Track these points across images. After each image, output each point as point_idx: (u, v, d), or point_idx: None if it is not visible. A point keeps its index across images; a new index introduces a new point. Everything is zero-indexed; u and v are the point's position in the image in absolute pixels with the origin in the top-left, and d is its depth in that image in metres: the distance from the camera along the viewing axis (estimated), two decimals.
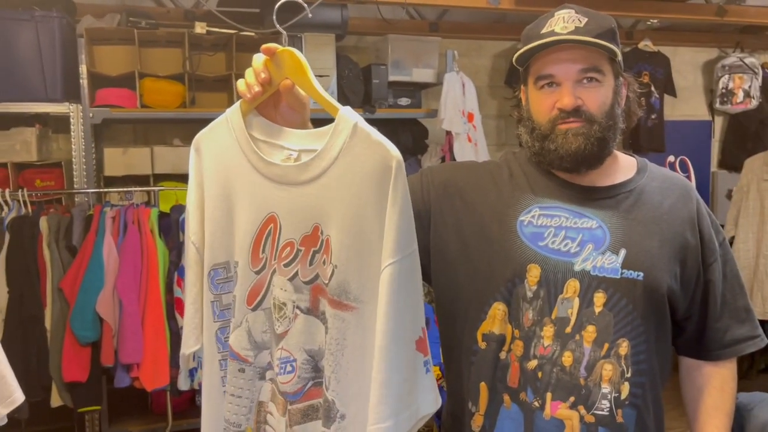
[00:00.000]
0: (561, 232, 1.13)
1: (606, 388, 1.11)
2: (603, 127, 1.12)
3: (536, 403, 1.11)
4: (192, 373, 2.62)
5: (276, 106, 1.01)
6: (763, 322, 3.02)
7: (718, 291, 1.20)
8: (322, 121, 0.95)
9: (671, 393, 1.26)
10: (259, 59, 0.97)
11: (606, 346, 1.11)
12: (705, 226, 1.20)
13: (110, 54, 3.22)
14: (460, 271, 1.17)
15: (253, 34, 3.09)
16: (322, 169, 0.91)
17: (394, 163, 0.87)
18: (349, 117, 0.89)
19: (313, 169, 0.91)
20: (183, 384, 2.63)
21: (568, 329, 1.11)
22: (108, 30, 3.15)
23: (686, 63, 4.48)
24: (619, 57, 1.16)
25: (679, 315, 1.19)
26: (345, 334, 0.87)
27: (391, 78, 3.42)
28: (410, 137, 3.55)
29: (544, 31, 1.13)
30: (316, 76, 0.98)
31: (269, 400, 0.97)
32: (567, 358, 1.10)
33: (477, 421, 1.15)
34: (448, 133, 3.33)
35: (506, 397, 1.13)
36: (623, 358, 1.11)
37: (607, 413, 1.11)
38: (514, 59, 1.20)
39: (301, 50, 3.20)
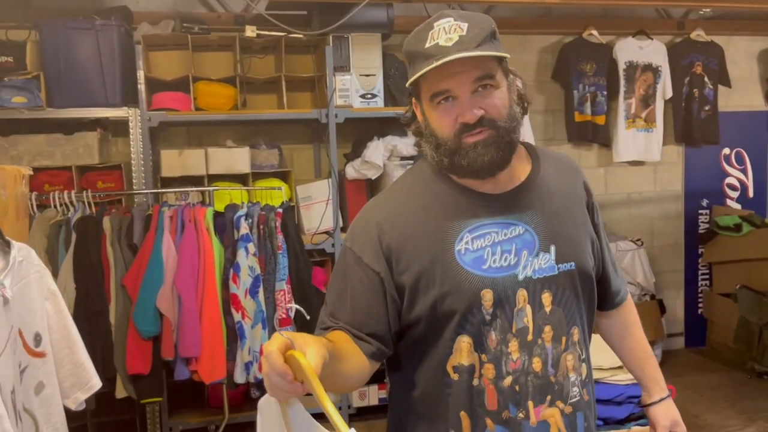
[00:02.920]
0: (497, 248, 1.14)
1: (572, 376, 1.19)
2: (508, 129, 1.12)
3: (521, 415, 1.15)
4: (248, 366, 2.71)
5: None
6: None
7: (606, 250, 1.32)
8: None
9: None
10: (277, 360, 0.89)
11: (564, 339, 1.18)
12: (590, 194, 1.30)
13: (165, 59, 3.35)
14: (421, 319, 1.15)
15: (301, 36, 3.16)
16: None
17: None
18: None
19: None
20: (239, 377, 2.71)
21: (530, 337, 1.15)
22: (163, 36, 3.27)
23: (741, 52, 4.35)
24: (507, 57, 1.15)
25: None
26: None
27: None
28: None
29: (428, 45, 1.09)
30: (362, 75, 0.99)
31: None
32: (536, 364, 1.15)
33: None
34: None
35: (488, 421, 1.15)
36: (578, 344, 1.20)
37: (578, 397, 1.20)
38: (408, 83, 1.17)
39: (348, 50, 3.28)
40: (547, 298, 1.16)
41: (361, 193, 3.54)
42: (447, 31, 1.09)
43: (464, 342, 1.14)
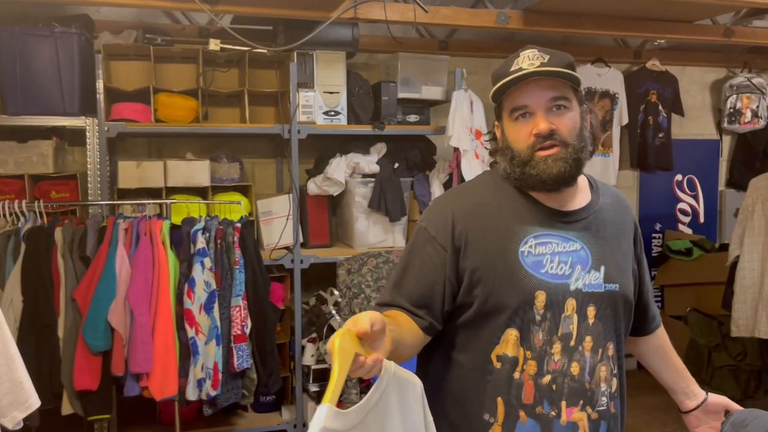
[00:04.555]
0: (555, 258, 1.26)
1: (603, 387, 1.28)
2: (576, 148, 1.26)
3: (553, 413, 1.23)
4: (200, 383, 2.66)
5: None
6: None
7: (647, 279, 1.45)
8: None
9: None
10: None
11: (600, 351, 1.28)
12: (637, 230, 1.43)
13: (126, 69, 3.30)
14: (475, 305, 1.26)
15: (265, 51, 3.16)
16: None
17: None
18: (316, 418, 0.95)
19: None
20: (191, 394, 2.66)
21: (572, 342, 1.25)
22: (125, 46, 3.23)
23: (694, 82, 4.51)
24: (582, 86, 1.31)
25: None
26: None
27: (401, 95, 3.47)
28: (419, 153, 3.59)
29: (513, 68, 1.26)
30: (326, 92, 1.06)
31: None
32: (575, 368, 1.25)
33: (495, 430, 1.25)
34: (456, 149, 3.38)
35: (522, 413, 1.24)
36: (611, 359, 1.30)
37: (605, 407, 1.28)
38: (490, 96, 1.32)
39: (312, 66, 3.29)
40: (591, 311, 1.27)
41: (323, 209, 3.54)
42: (530, 59, 1.25)
43: (512, 335, 1.24)
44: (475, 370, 1.26)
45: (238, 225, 2.86)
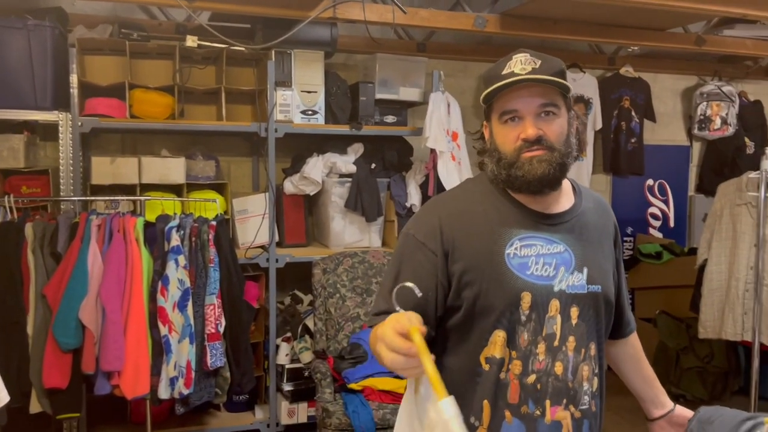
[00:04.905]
0: (540, 259, 1.28)
1: (585, 386, 1.30)
2: (562, 153, 1.28)
3: (538, 412, 1.26)
4: (173, 381, 2.64)
5: None
6: (735, 344, 3.10)
7: (623, 284, 1.48)
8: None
9: None
10: (396, 339, 1.03)
11: (583, 351, 1.30)
12: (617, 233, 1.46)
13: (101, 64, 3.26)
14: (463, 307, 1.27)
15: (243, 49, 3.15)
16: None
17: None
18: (443, 410, 0.97)
19: None
20: (164, 393, 2.64)
21: (556, 343, 1.28)
22: (100, 41, 3.19)
23: (666, 89, 4.60)
24: (571, 93, 1.33)
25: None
26: None
27: (378, 96, 3.49)
28: (395, 154, 3.61)
29: (504, 72, 1.27)
30: (303, 91, 1.06)
31: None
32: (558, 368, 1.27)
33: None
34: (433, 151, 3.40)
35: (507, 413, 1.25)
36: (593, 358, 1.32)
37: (587, 406, 1.31)
38: (481, 99, 1.33)
39: (290, 65, 3.29)
40: (574, 311, 1.29)
41: (299, 209, 3.53)
42: (523, 63, 1.27)
43: (500, 336, 1.25)
44: (465, 374, 1.28)
45: (213, 223, 2.84)
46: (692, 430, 1.29)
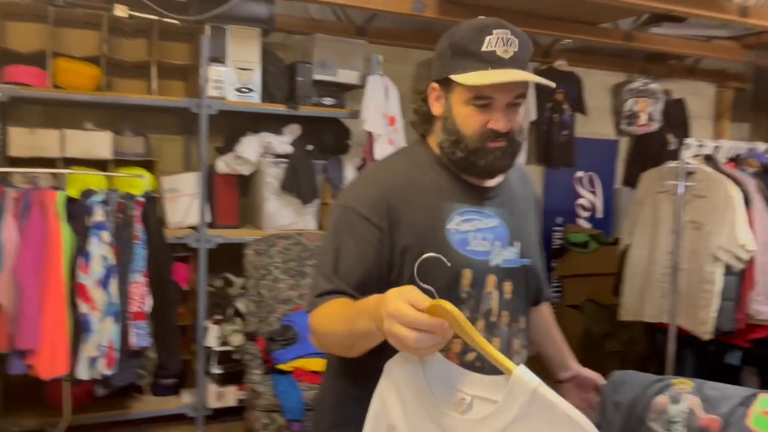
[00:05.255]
0: (479, 235, 1.25)
1: (517, 360, 1.29)
2: (519, 144, 1.25)
3: None
4: (93, 361, 2.54)
5: None
6: (654, 325, 3.24)
7: (542, 253, 1.47)
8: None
9: None
10: (421, 316, 0.93)
11: (514, 325, 1.30)
12: (536, 201, 1.46)
13: (22, 31, 3.10)
14: (406, 284, 1.17)
15: (176, 21, 3.05)
16: (496, 429, 0.92)
17: None
18: (526, 380, 0.88)
19: (487, 427, 0.93)
20: (83, 373, 2.53)
21: (493, 318, 1.26)
22: (21, 5, 3.03)
23: (597, 84, 4.74)
24: (554, 87, 1.31)
25: None
26: None
27: (316, 77, 3.45)
28: (333, 137, 3.58)
29: (484, 49, 1.16)
30: (239, 68, 0.97)
31: None
32: (495, 343, 1.26)
33: None
34: (370, 134, 3.39)
35: None
36: (523, 331, 1.33)
37: None
38: (445, 68, 1.20)
39: (225, 41, 3.20)
40: (508, 286, 1.28)
41: (232, 189, 3.46)
42: (504, 43, 1.17)
43: None
44: None
45: (141, 199, 2.75)
46: (606, 393, 1.34)
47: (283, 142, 3.41)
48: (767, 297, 2.74)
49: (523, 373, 0.89)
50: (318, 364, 2.87)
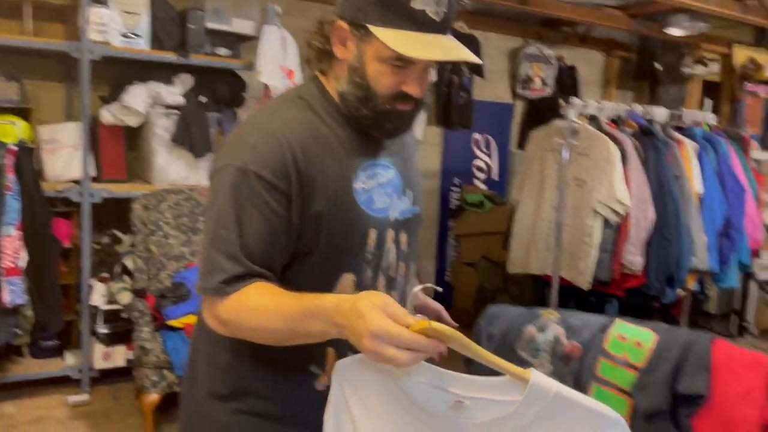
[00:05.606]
0: (381, 191, 1.17)
1: (409, 307, 1.28)
2: (423, 105, 1.18)
3: None
4: None
5: None
6: (540, 279, 3.42)
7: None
8: None
9: None
10: (419, 339, 0.84)
11: (408, 273, 1.27)
12: (416, 142, 1.41)
13: None
14: (314, 254, 1.11)
15: None
16: (510, 430, 0.87)
17: (619, 429, 0.83)
18: (545, 386, 0.84)
19: (499, 429, 0.88)
20: None
21: (392, 273, 1.22)
22: None
23: (495, 48, 4.85)
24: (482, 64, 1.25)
25: None
26: None
27: (209, 25, 3.31)
28: (227, 89, 3.47)
29: (415, 6, 1.04)
30: (124, 12, 0.84)
31: None
32: (393, 297, 1.18)
33: (322, 381, 1.17)
34: (266, 87, 3.30)
35: (349, 354, 1.17)
36: (412, 275, 1.30)
37: None
38: (373, 24, 1.06)
39: None
40: (404, 237, 1.22)
41: (119, 141, 3.28)
42: (437, 3, 1.05)
43: (349, 279, 1.14)
44: None
45: (14, 148, 2.56)
46: (481, 326, 1.39)
47: (173, 92, 3.26)
48: (639, 249, 2.94)
49: (539, 379, 0.85)
50: None
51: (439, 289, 1.13)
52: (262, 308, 1.01)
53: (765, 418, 1.09)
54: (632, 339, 1.25)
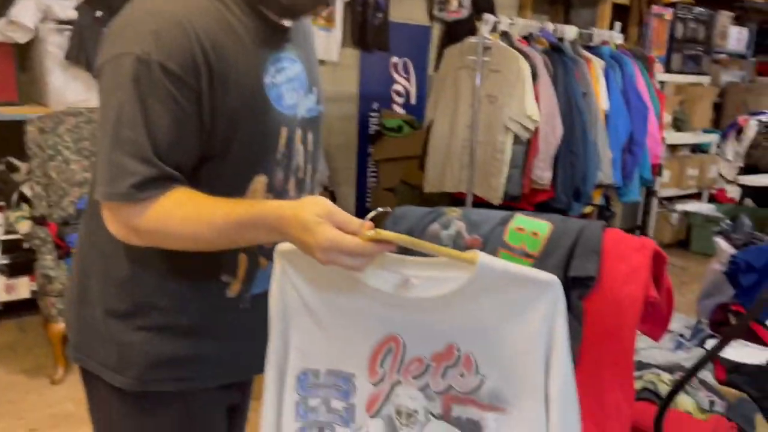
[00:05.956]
0: (290, 86, 1.10)
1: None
2: None
3: None
4: None
5: None
6: (453, 196, 3.49)
7: None
8: None
9: None
10: (367, 247, 0.86)
11: (314, 174, 1.24)
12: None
13: None
14: (225, 154, 1.04)
15: None
16: (458, 302, 0.92)
17: (554, 289, 0.90)
18: (491, 265, 0.90)
19: (448, 301, 0.92)
20: None
21: (301, 174, 1.17)
22: None
23: None
24: None
25: None
26: (499, 430, 0.94)
27: None
28: (124, 2, 3.23)
29: None
30: None
31: None
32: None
33: (234, 288, 1.13)
34: None
35: (262, 260, 1.13)
36: (315, 182, 1.26)
37: None
38: None
39: None
40: (310, 137, 1.17)
41: (8, 60, 3.04)
42: None
43: (261, 182, 1.09)
44: None
45: None
46: (386, 227, 1.39)
47: (65, 6, 3.02)
48: (548, 164, 3.03)
49: (486, 259, 0.90)
50: None
51: (390, 210, 1.11)
52: (193, 217, 0.96)
53: (648, 294, 1.16)
54: (529, 230, 1.29)
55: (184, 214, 0.96)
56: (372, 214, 1.15)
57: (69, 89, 3.08)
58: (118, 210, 0.99)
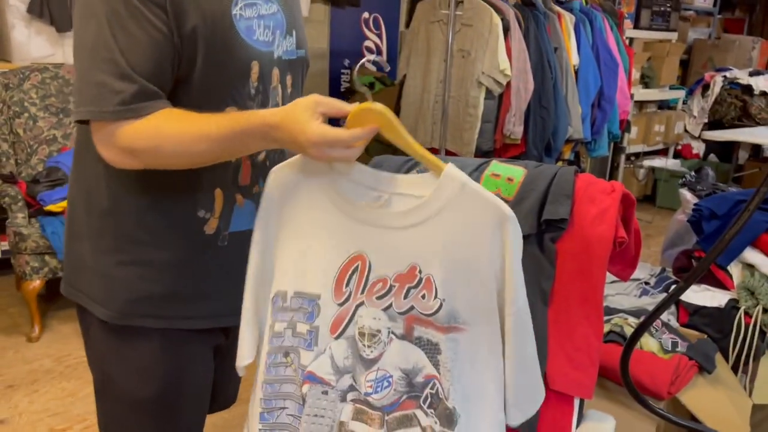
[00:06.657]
0: (261, 22, 1.11)
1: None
2: None
3: None
4: None
5: None
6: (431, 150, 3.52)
7: None
8: None
9: None
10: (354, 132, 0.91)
11: None
12: None
13: None
14: (192, 83, 1.06)
15: None
16: (422, 218, 0.96)
17: (510, 223, 0.93)
18: (456, 177, 0.94)
19: (413, 218, 0.96)
20: None
21: None
22: None
23: None
24: None
25: None
26: (457, 352, 0.98)
27: None
28: None
29: None
30: None
31: (350, 419, 1.04)
32: None
33: (211, 225, 1.14)
34: None
35: (239, 197, 1.15)
36: None
37: None
38: None
39: None
40: (289, 80, 1.19)
41: None
42: None
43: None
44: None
45: None
46: None
47: None
48: (519, 118, 3.07)
49: (452, 171, 0.94)
50: None
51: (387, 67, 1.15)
52: (185, 133, 0.99)
53: (618, 235, 1.20)
54: (505, 175, 1.33)
55: (177, 129, 1.00)
56: (364, 59, 1.17)
57: (33, 44, 3.00)
58: (106, 131, 1.00)
